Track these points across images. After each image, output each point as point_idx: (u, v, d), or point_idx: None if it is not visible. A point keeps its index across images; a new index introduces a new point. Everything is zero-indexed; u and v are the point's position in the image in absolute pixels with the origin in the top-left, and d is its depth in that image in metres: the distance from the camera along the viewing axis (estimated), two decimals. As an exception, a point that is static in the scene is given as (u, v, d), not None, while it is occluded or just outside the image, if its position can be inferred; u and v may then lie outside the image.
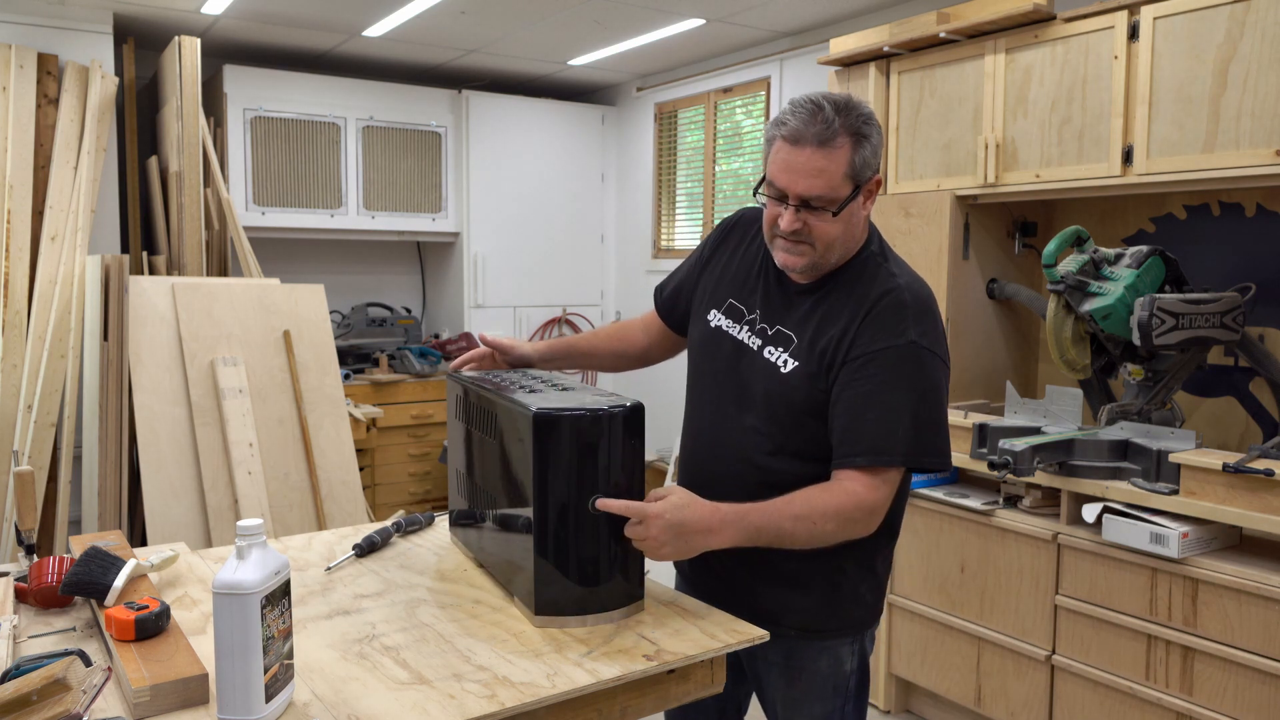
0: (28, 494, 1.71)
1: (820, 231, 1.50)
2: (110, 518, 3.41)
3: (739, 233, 1.74)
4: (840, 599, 1.61)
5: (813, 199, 1.48)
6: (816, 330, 1.55)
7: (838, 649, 1.64)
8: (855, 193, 1.50)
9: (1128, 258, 2.67)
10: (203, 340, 3.46)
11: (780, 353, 1.57)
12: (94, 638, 1.43)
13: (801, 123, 1.46)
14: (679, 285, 1.82)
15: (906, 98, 3.25)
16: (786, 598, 1.61)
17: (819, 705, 1.65)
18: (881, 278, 1.55)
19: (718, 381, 1.65)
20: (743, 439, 1.59)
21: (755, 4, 3.95)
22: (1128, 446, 2.51)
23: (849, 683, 1.65)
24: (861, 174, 1.49)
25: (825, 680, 1.64)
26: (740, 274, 1.68)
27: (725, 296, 1.68)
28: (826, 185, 1.47)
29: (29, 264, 3.75)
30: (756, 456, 1.58)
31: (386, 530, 1.86)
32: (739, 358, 1.62)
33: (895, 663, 3.11)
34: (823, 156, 1.45)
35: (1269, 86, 2.37)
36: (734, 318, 1.65)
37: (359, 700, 1.22)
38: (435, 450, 5.05)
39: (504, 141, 5.34)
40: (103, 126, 3.96)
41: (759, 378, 1.58)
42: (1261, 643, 2.19)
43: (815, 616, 1.61)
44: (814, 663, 1.63)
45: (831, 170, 1.46)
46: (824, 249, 1.52)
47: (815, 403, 1.52)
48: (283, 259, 5.13)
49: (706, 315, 1.70)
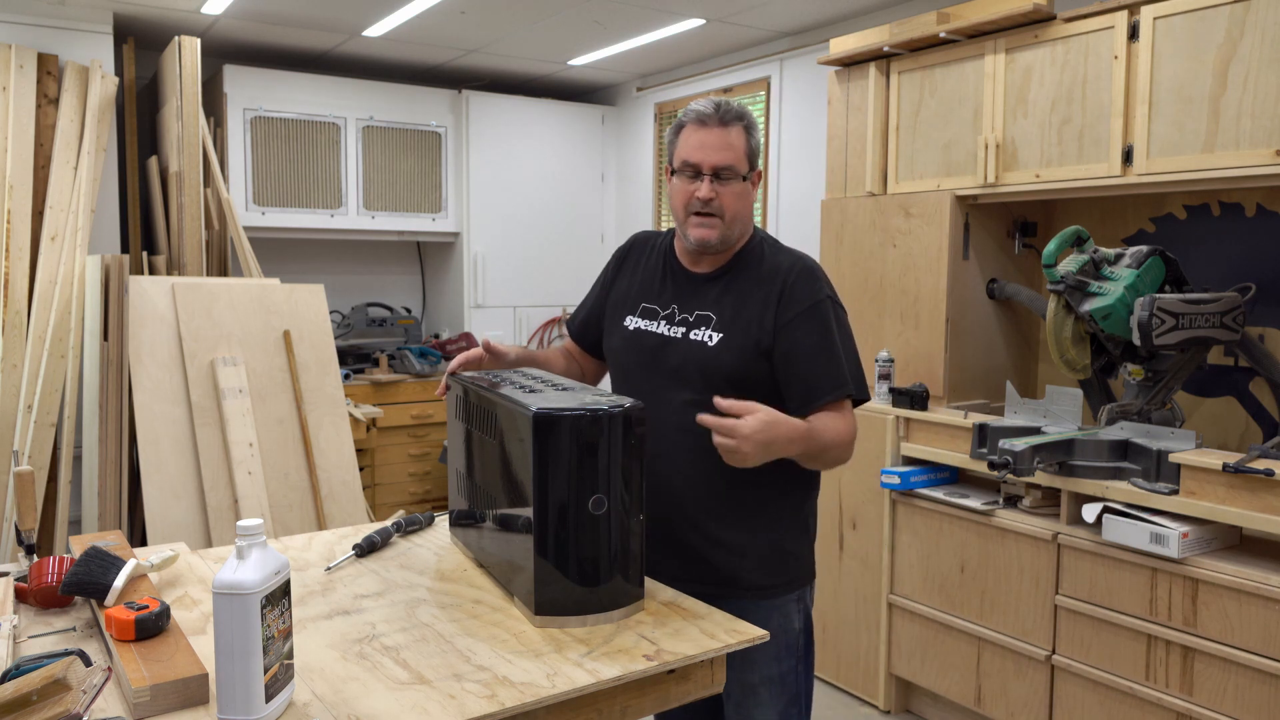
0: (28, 494, 1.71)
1: (728, 203, 1.73)
2: (110, 518, 3.41)
3: (636, 253, 1.95)
4: (783, 557, 1.79)
5: (723, 169, 1.71)
6: (735, 306, 1.76)
7: (785, 607, 1.79)
8: (748, 175, 1.75)
9: (1128, 258, 2.67)
10: (203, 340, 3.46)
11: (704, 330, 1.77)
12: (94, 638, 1.43)
13: (707, 110, 1.73)
14: (588, 314, 2.00)
15: (906, 98, 3.25)
16: (736, 563, 1.76)
17: (774, 665, 1.77)
18: (782, 254, 1.80)
19: (646, 374, 1.81)
20: (679, 414, 1.73)
21: (755, 4, 3.95)
22: (1128, 446, 2.51)
23: (799, 641, 1.81)
24: (753, 159, 1.76)
25: (777, 640, 1.76)
26: (646, 282, 1.88)
27: (638, 302, 1.88)
28: (735, 157, 1.72)
29: (29, 264, 3.75)
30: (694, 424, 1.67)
31: (386, 530, 1.87)
32: (662, 348, 1.80)
33: (895, 663, 3.11)
34: (729, 134, 1.72)
35: (1269, 86, 2.37)
36: (650, 317, 1.84)
37: (359, 700, 1.22)
38: (435, 450, 5.05)
39: (504, 141, 5.34)
40: (103, 126, 3.96)
41: (689, 358, 1.76)
42: (1261, 643, 2.19)
43: (764, 576, 1.77)
44: (764, 623, 1.68)
45: (738, 145, 1.73)
46: (729, 221, 1.74)
47: (742, 369, 1.73)
48: (283, 259, 5.12)
49: (623, 323, 1.88)
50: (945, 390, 3.09)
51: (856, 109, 3.40)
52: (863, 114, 3.37)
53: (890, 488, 3.05)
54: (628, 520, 1.47)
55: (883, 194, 3.34)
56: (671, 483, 1.76)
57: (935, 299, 3.09)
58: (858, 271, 3.34)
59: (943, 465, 2.99)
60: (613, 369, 1.93)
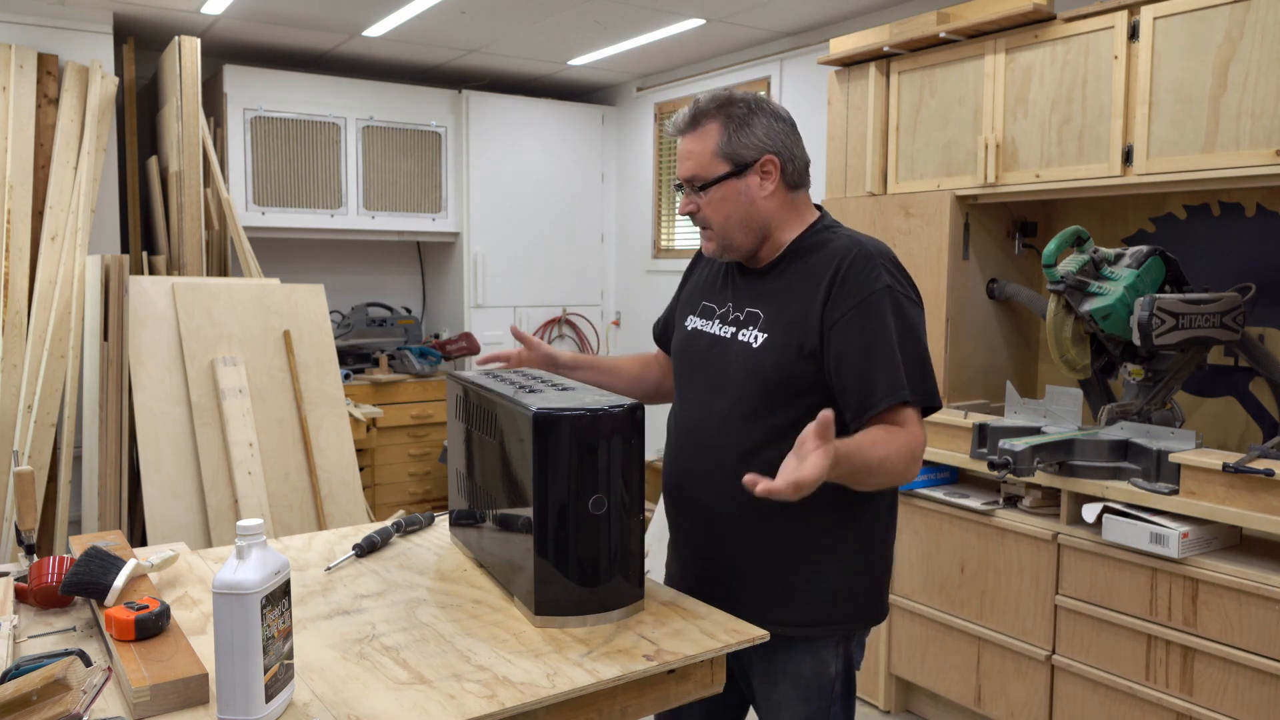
0: (28, 494, 1.71)
1: (710, 212, 1.60)
2: (110, 518, 3.41)
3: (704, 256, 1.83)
4: (828, 597, 1.61)
5: (687, 179, 1.61)
6: (783, 300, 1.60)
7: (821, 651, 1.62)
8: (738, 171, 1.58)
9: (1128, 258, 2.67)
10: (203, 340, 3.47)
11: (751, 330, 1.62)
12: (94, 638, 1.43)
13: (679, 117, 1.62)
14: (667, 318, 1.92)
15: (906, 98, 3.25)
16: (768, 596, 1.61)
17: (803, 707, 1.63)
18: (839, 241, 1.60)
19: (695, 378, 1.71)
20: (716, 423, 1.63)
21: (755, 4, 3.95)
22: (1128, 446, 2.51)
23: (834, 686, 1.63)
24: (740, 153, 1.57)
25: (809, 683, 1.62)
26: (709, 282, 1.78)
27: (700, 301, 1.78)
28: (696, 165, 1.59)
29: (29, 264, 3.75)
30: (732, 436, 1.61)
31: (386, 530, 1.87)
32: (711, 349, 1.68)
33: (895, 663, 3.11)
34: (692, 140, 1.59)
35: (1269, 86, 2.37)
36: (707, 316, 1.73)
37: (359, 700, 1.22)
38: (435, 450, 5.05)
39: (504, 141, 5.34)
40: (103, 126, 3.96)
41: (734, 360, 1.63)
42: (1261, 643, 2.19)
43: (798, 614, 1.60)
44: (797, 665, 1.63)
45: (699, 151, 1.58)
46: (721, 229, 1.61)
47: (786, 373, 1.56)
48: (283, 259, 5.13)
49: (684, 322, 1.79)
50: (945, 390, 3.09)
51: (856, 109, 3.40)
52: (863, 114, 3.37)
53: (890, 488, 3.04)
54: (628, 520, 1.47)
55: (883, 194, 3.34)
56: (702, 497, 1.65)
57: (935, 299, 3.09)
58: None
59: (943, 465, 2.99)
60: (674, 372, 1.81)
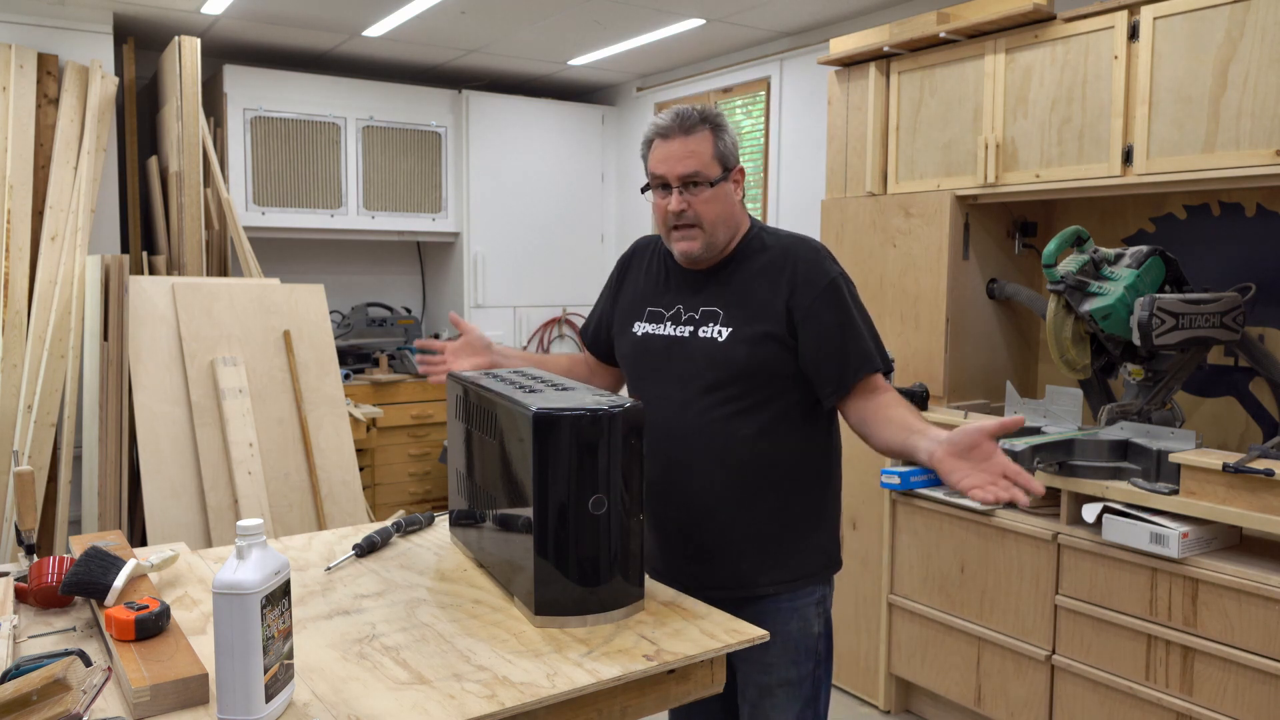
0: (28, 494, 1.71)
1: (702, 210, 1.72)
2: (110, 518, 3.41)
3: (639, 259, 1.95)
4: (807, 550, 1.77)
5: (689, 176, 1.71)
6: (741, 296, 1.74)
7: (805, 611, 1.77)
8: (725, 175, 1.74)
9: (1128, 258, 2.67)
10: (203, 340, 3.46)
11: (713, 326, 1.75)
12: (94, 638, 1.43)
13: (668, 121, 1.73)
14: (598, 322, 2.00)
15: (906, 98, 3.25)
16: (759, 561, 1.74)
17: (792, 669, 1.75)
18: (781, 240, 1.79)
19: (658, 377, 1.80)
20: (695, 414, 1.74)
21: (755, 4, 3.95)
22: (1128, 446, 2.51)
23: (818, 645, 1.79)
24: (727, 159, 1.74)
25: (796, 643, 1.76)
26: (649, 286, 1.88)
27: (643, 307, 1.87)
28: (699, 163, 1.71)
29: (29, 264, 3.74)
30: (713, 423, 1.73)
31: (386, 530, 1.87)
32: (672, 350, 1.79)
33: (895, 663, 3.11)
34: (692, 141, 1.71)
35: (1269, 86, 2.37)
36: (656, 320, 1.84)
37: (359, 700, 1.22)
38: (435, 450, 5.05)
39: (504, 141, 5.34)
40: (103, 126, 3.96)
41: (699, 355, 1.75)
42: (1261, 643, 2.19)
43: (786, 571, 1.75)
44: (785, 626, 1.74)
45: (700, 151, 1.71)
46: (710, 227, 1.73)
47: (756, 360, 1.71)
48: (283, 259, 5.12)
49: (631, 329, 1.88)
50: (945, 390, 3.09)
51: (856, 109, 3.40)
52: (863, 114, 3.37)
53: (890, 488, 3.05)
54: (628, 520, 1.47)
55: (883, 194, 3.34)
56: (689, 484, 1.75)
57: (935, 299, 3.09)
58: (858, 271, 3.34)
59: (943, 465, 2.99)
60: (627, 376, 1.93)
